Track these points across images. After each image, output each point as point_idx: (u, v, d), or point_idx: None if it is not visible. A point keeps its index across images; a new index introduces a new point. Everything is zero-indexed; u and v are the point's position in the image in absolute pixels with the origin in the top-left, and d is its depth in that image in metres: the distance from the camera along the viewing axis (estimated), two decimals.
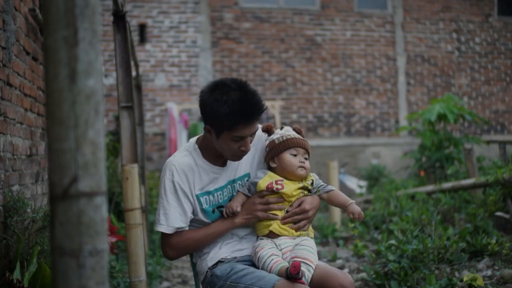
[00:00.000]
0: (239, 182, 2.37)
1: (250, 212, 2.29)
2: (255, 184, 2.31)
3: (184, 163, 2.29)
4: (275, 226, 2.27)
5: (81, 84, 1.04)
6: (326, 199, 2.33)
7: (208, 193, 2.32)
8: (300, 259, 2.16)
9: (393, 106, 11.14)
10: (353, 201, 2.27)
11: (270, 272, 2.17)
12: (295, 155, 2.28)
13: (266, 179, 2.29)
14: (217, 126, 2.18)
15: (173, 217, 2.26)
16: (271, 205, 2.28)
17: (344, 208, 2.27)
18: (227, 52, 10.39)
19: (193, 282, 4.75)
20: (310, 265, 2.17)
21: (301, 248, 2.22)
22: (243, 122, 2.15)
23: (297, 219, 2.28)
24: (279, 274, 2.15)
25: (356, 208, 2.23)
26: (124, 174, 3.01)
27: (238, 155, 2.26)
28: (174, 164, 2.29)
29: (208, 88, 2.21)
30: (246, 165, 2.39)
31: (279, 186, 2.27)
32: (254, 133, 2.24)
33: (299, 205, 2.28)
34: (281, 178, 2.28)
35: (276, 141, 2.31)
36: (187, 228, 2.31)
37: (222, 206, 2.34)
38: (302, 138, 2.32)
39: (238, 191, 2.35)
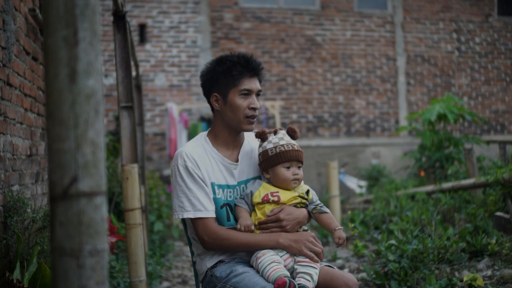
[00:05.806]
0: (248, 184, 2.37)
1: (298, 242, 2.24)
2: (249, 195, 2.31)
3: (194, 151, 2.30)
4: None
5: (81, 84, 1.04)
6: (317, 218, 2.35)
7: (220, 186, 2.32)
8: (305, 262, 2.20)
9: (393, 106, 11.13)
10: (341, 227, 2.32)
11: (267, 279, 2.15)
12: (288, 168, 2.30)
13: (262, 191, 2.31)
14: (222, 87, 2.27)
15: (200, 201, 2.23)
16: (315, 247, 2.23)
17: (331, 231, 2.31)
18: (227, 52, 10.37)
19: (193, 282, 4.75)
20: (315, 268, 2.20)
21: None
22: (246, 73, 2.27)
23: (271, 227, 2.27)
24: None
25: (343, 235, 2.27)
26: (124, 174, 3.01)
27: (249, 116, 2.29)
28: (185, 152, 2.28)
29: (207, 63, 2.37)
30: (255, 168, 2.40)
31: (275, 198, 2.29)
32: (259, 93, 2.34)
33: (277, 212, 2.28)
34: (276, 190, 2.31)
35: (270, 153, 2.31)
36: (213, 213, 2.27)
37: (229, 205, 2.33)
38: (295, 148, 2.31)
39: (236, 205, 2.32)
